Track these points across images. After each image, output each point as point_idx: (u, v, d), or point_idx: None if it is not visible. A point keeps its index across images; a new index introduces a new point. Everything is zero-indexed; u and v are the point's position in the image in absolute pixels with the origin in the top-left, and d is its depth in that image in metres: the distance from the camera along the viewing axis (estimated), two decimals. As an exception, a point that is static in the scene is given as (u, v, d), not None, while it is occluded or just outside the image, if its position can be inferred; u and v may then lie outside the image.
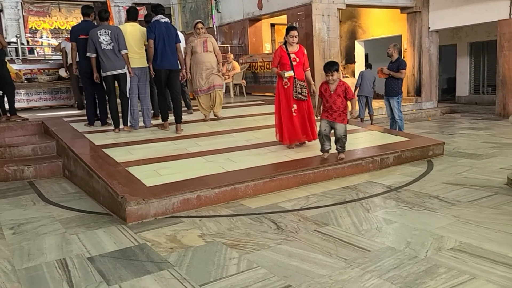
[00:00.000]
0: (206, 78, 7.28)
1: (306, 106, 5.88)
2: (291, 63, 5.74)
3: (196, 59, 7.24)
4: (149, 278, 2.92)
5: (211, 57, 7.28)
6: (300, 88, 5.74)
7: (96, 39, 6.37)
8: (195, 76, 7.31)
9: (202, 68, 7.22)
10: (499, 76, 11.03)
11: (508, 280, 2.64)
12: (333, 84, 5.18)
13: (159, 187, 4.40)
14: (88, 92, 7.08)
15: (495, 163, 5.74)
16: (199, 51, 7.20)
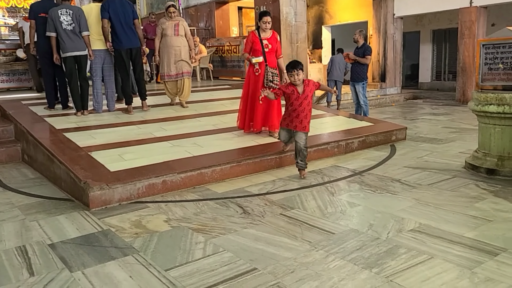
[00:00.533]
0: (175, 63, 7.05)
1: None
2: (263, 50, 5.57)
3: (165, 42, 6.99)
4: (113, 264, 2.88)
5: (182, 41, 7.05)
6: (272, 76, 5.57)
7: (57, 18, 6.12)
8: (164, 59, 7.08)
9: (171, 52, 6.98)
10: (460, 63, 11.38)
11: (464, 259, 2.76)
12: (299, 86, 4.59)
13: (123, 172, 4.31)
14: (47, 74, 6.80)
15: (454, 148, 5.95)
16: (169, 34, 6.95)
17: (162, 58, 7.07)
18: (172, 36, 6.96)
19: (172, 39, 6.96)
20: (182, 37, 7.05)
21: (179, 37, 7.00)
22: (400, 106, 11.63)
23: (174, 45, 6.97)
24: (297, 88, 4.57)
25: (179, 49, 7.01)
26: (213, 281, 2.61)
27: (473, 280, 2.51)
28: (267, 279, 2.60)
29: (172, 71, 7.08)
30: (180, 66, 7.09)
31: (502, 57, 4.42)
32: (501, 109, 4.34)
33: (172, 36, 6.96)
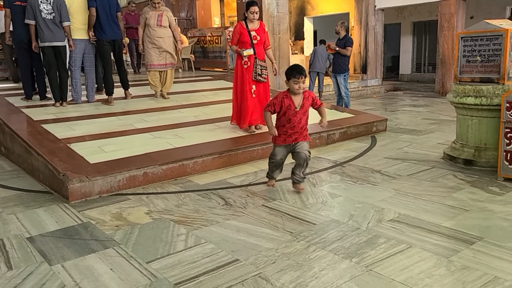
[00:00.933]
0: (160, 53, 6.92)
1: (263, 89, 5.54)
2: (251, 41, 5.35)
3: (149, 32, 6.86)
4: (94, 256, 2.85)
5: (165, 32, 6.90)
6: (260, 69, 5.38)
7: (36, 6, 5.97)
8: (147, 49, 6.95)
9: (154, 43, 6.85)
10: (439, 55, 11.53)
11: (441, 248, 2.82)
12: (298, 97, 3.82)
13: (104, 164, 4.26)
14: (23, 64, 6.64)
15: (433, 139, 6.05)
16: (152, 24, 6.80)
17: (146, 48, 6.96)
18: (155, 27, 6.82)
19: (155, 29, 6.83)
20: (166, 28, 6.90)
21: (162, 28, 6.86)
22: (381, 97, 11.75)
23: (157, 36, 6.84)
24: (293, 102, 3.81)
25: (162, 40, 6.88)
26: (194, 272, 2.61)
27: (449, 268, 2.57)
28: (248, 270, 2.62)
29: (155, 61, 6.97)
30: (164, 57, 6.98)
31: (479, 50, 4.49)
32: (478, 101, 4.42)
33: (155, 27, 6.82)
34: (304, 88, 3.83)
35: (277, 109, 3.85)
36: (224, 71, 11.18)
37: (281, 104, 3.83)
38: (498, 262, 2.61)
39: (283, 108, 3.83)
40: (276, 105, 3.84)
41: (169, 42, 6.96)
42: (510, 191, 3.82)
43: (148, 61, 6.99)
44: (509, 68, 4.36)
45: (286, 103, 3.81)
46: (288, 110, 3.82)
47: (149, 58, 6.97)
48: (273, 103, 3.85)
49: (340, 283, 2.44)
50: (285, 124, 3.86)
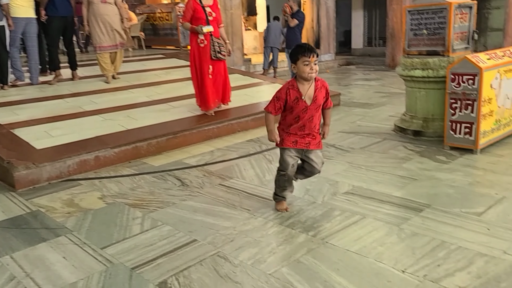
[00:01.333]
0: (107, 33, 6.53)
1: (223, 68, 5.37)
2: (206, 18, 5.06)
3: (93, 10, 6.45)
4: (45, 245, 2.75)
5: (111, 9, 6.52)
6: (219, 47, 5.16)
7: None
8: (94, 30, 6.53)
9: (100, 21, 6.45)
10: (389, 29, 11.77)
11: (392, 217, 2.93)
12: (308, 87, 2.87)
13: (52, 149, 4.09)
14: None
15: (384, 111, 6.22)
16: (96, 1, 6.43)
17: (93, 28, 6.54)
18: (99, 4, 6.45)
19: (99, 6, 6.45)
20: (111, 4, 6.54)
21: (107, 5, 6.50)
22: (334, 72, 11.91)
23: (102, 13, 6.44)
24: (302, 93, 2.85)
25: (109, 18, 6.51)
26: (152, 255, 2.58)
27: (400, 235, 2.67)
28: (207, 250, 2.61)
29: (104, 42, 6.56)
30: (113, 37, 6.60)
31: (426, 23, 4.61)
32: (425, 74, 4.56)
33: (99, 4, 6.44)
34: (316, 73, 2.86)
35: (282, 104, 2.89)
36: (176, 49, 10.92)
37: (286, 98, 2.86)
38: (444, 227, 2.75)
39: (288, 102, 2.87)
40: (280, 99, 2.88)
41: (116, 20, 6.59)
42: (456, 159, 4.01)
43: (97, 42, 6.56)
44: (453, 41, 4.50)
45: (292, 96, 2.85)
46: (296, 105, 2.86)
47: (97, 39, 6.54)
48: (276, 97, 2.91)
49: (297, 257, 2.49)
50: (292, 123, 2.94)
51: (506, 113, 4.43)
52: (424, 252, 2.47)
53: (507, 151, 4.18)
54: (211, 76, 5.23)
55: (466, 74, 4.05)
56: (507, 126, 4.48)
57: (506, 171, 3.68)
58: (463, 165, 3.87)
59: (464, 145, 4.18)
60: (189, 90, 6.41)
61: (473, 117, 4.07)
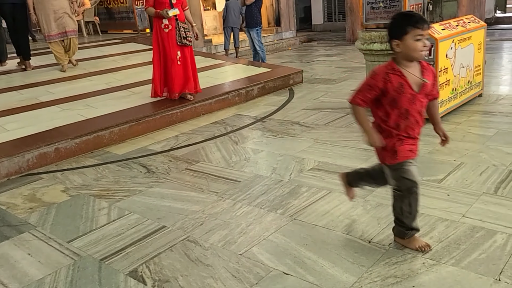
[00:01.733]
0: (55, 20, 6.19)
1: (189, 53, 5.11)
2: (170, 2, 4.83)
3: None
4: (8, 243, 2.67)
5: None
6: (185, 32, 4.91)
7: None
8: (41, 18, 6.18)
9: (48, 8, 6.13)
10: (347, 3, 11.83)
11: (357, 190, 2.99)
12: (415, 69, 2.12)
13: (8, 144, 3.94)
14: None
15: (347, 86, 6.29)
16: None
17: (39, 16, 6.20)
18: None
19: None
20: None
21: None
22: (296, 49, 11.91)
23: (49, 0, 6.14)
24: (405, 77, 2.08)
25: (58, 4, 6.17)
26: (120, 245, 2.54)
27: (366, 207, 2.74)
28: (176, 235, 2.60)
29: (53, 30, 6.23)
30: (63, 24, 6.26)
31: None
32: (384, 46, 4.61)
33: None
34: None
35: (376, 95, 2.11)
36: (133, 33, 10.62)
37: (385, 85, 2.09)
38: (407, 196, 2.83)
39: (389, 91, 2.08)
40: (374, 88, 2.10)
41: (65, 5, 6.26)
42: (416, 129, 4.12)
43: (45, 31, 6.25)
44: (409, 13, 4.57)
45: (395, 83, 2.08)
46: (401, 95, 2.08)
47: (45, 27, 6.21)
48: (368, 86, 2.12)
49: (267, 235, 2.51)
50: (399, 122, 2.14)
51: (462, 81, 4.57)
52: (389, 222, 2.53)
53: (464, 119, 4.33)
54: (180, 62, 5.01)
55: (423, 46, 4.12)
56: (463, 94, 4.63)
57: (464, 138, 3.82)
58: (423, 134, 3.92)
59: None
60: (149, 75, 6.27)
61: (431, 87, 4.17)
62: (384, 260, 2.20)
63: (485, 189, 2.85)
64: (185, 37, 4.93)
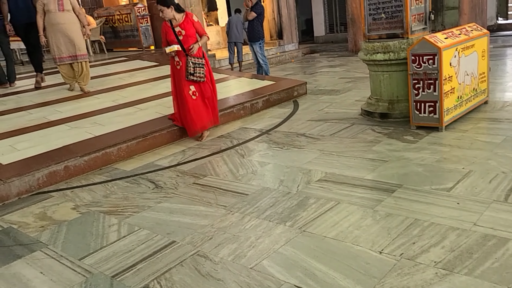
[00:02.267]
0: (65, 43, 6.04)
1: (210, 87, 4.90)
2: (177, 38, 4.69)
3: (49, 19, 5.93)
4: (20, 262, 2.69)
5: (69, 17, 6.03)
6: (193, 68, 4.67)
7: None
8: (52, 40, 6.02)
9: (57, 30, 5.97)
10: (349, 15, 11.92)
11: (366, 200, 3.00)
12: None
13: (19, 163, 3.98)
14: None
15: (351, 97, 6.32)
16: (53, 9, 5.90)
17: (50, 39, 6.04)
18: (57, 12, 5.93)
19: (56, 15, 5.93)
20: (69, 12, 6.04)
21: (65, 13, 5.98)
22: (299, 61, 11.98)
23: (60, 22, 5.95)
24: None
25: (66, 27, 6.00)
26: (131, 261, 2.56)
27: (375, 217, 2.74)
28: (186, 250, 2.61)
29: (63, 53, 6.08)
30: (72, 48, 6.10)
31: (383, 7, 4.69)
32: (387, 57, 4.65)
33: (56, 12, 5.92)
34: None
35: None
36: (138, 50, 10.74)
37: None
38: (416, 206, 2.83)
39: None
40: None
41: (76, 29, 6.12)
42: (423, 138, 4.12)
43: (55, 53, 6.11)
44: (411, 23, 4.61)
45: None
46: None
47: (55, 50, 6.09)
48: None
49: (276, 248, 2.52)
50: None
51: (467, 89, 4.58)
52: (399, 232, 2.54)
53: (470, 126, 4.33)
54: (195, 97, 4.80)
55: (426, 55, 4.15)
56: (468, 102, 4.63)
57: (471, 146, 3.81)
58: (430, 143, 3.99)
59: (430, 124, 4.30)
60: (155, 91, 6.37)
61: (436, 95, 4.18)
62: (396, 271, 2.19)
63: (495, 197, 2.84)
64: (193, 73, 4.69)
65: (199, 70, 4.72)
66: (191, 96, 4.78)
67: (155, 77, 7.31)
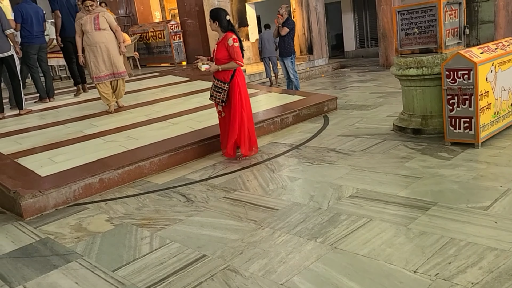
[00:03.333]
0: (104, 62, 6.04)
1: (230, 112, 4.64)
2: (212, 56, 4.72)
3: (87, 39, 6.01)
4: (57, 272, 2.76)
5: (107, 36, 6.04)
6: (214, 90, 4.62)
7: None
8: (89, 59, 6.05)
9: (96, 50, 5.99)
10: (380, 29, 11.84)
11: (398, 217, 2.94)
12: None
13: (56, 175, 4.11)
14: None
15: (382, 112, 6.24)
16: (90, 29, 5.97)
17: (88, 58, 6.08)
18: (93, 32, 5.98)
19: (94, 35, 5.98)
20: (106, 30, 6.05)
21: (102, 32, 6.02)
22: (329, 76, 11.96)
23: (97, 41, 5.98)
24: None
25: (104, 45, 6.01)
26: (163, 274, 2.59)
27: (408, 235, 2.68)
28: (217, 264, 2.62)
29: (101, 72, 6.07)
30: (112, 66, 6.11)
31: (416, 22, 4.65)
32: (420, 72, 4.59)
33: (93, 32, 5.98)
34: None
35: None
36: (171, 66, 11.00)
37: None
38: (452, 224, 2.76)
39: None
40: None
41: (113, 47, 6.12)
42: (458, 155, 4.02)
43: (93, 73, 6.08)
44: (445, 37, 4.54)
45: None
46: None
47: (93, 69, 6.07)
48: None
49: (307, 265, 2.50)
50: None
51: (504, 104, 4.45)
52: (434, 251, 2.47)
53: (508, 143, 4.19)
54: (221, 116, 4.80)
55: (461, 70, 4.08)
56: (506, 118, 4.50)
57: (509, 163, 3.69)
58: (465, 159, 3.89)
59: (465, 140, 4.20)
60: (186, 106, 6.48)
61: (471, 111, 4.09)
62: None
63: (534, 216, 2.73)
64: (212, 95, 4.66)
65: (217, 94, 4.60)
66: (219, 114, 4.80)
67: (187, 92, 7.45)
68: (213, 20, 4.55)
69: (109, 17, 6.21)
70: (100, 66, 6.07)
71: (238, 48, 4.52)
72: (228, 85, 4.55)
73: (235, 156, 4.77)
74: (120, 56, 6.25)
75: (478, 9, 11.75)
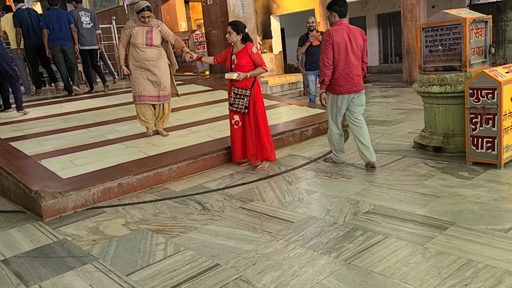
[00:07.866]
0: (151, 82, 5.33)
1: (253, 119, 4.69)
2: (230, 66, 4.70)
3: (135, 54, 5.26)
4: (72, 274, 2.81)
5: (158, 53, 5.31)
6: (233, 98, 4.65)
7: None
8: (134, 76, 5.33)
9: (142, 67, 5.27)
10: (404, 45, 11.76)
11: (415, 236, 2.89)
12: None
13: (77, 178, 4.19)
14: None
15: (403, 128, 6.18)
16: (140, 44, 5.20)
17: (132, 74, 5.34)
18: (143, 47, 5.21)
19: (143, 50, 5.22)
20: (158, 47, 5.31)
21: (152, 49, 5.25)
22: (351, 91, 11.87)
23: (146, 58, 5.23)
24: None
25: (154, 64, 5.28)
26: (175, 281, 2.60)
27: (425, 255, 2.64)
28: (229, 274, 2.62)
29: (145, 91, 5.35)
30: (157, 87, 5.38)
31: (440, 39, 4.61)
32: (443, 89, 4.54)
33: (143, 47, 5.21)
34: None
35: None
36: (194, 75, 11.12)
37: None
38: (470, 245, 2.70)
39: None
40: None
41: (164, 66, 5.40)
42: (479, 175, 3.94)
43: (135, 91, 5.38)
44: (470, 56, 4.49)
45: None
46: None
47: (136, 87, 5.34)
48: None
49: (320, 279, 2.47)
50: None
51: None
52: (451, 272, 2.42)
53: (532, 165, 4.10)
54: (237, 126, 4.80)
55: (485, 89, 4.02)
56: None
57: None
58: (487, 180, 3.81)
59: (487, 160, 4.12)
60: (207, 115, 6.54)
61: (495, 131, 4.02)
62: (445, 312, 2.09)
63: (557, 241, 2.65)
64: (232, 104, 4.69)
65: (239, 101, 4.64)
66: (233, 125, 4.82)
67: (208, 101, 7.52)
68: (237, 33, 4.61)
69: (164, 30, 5.40)
70: (145, 85, 5.34)
71: (261, 55, 4.82)
72: (249, 91, 4.65)
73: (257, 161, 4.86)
74: (169, 78, 5.54)
75: (505, 28, 11.57)
